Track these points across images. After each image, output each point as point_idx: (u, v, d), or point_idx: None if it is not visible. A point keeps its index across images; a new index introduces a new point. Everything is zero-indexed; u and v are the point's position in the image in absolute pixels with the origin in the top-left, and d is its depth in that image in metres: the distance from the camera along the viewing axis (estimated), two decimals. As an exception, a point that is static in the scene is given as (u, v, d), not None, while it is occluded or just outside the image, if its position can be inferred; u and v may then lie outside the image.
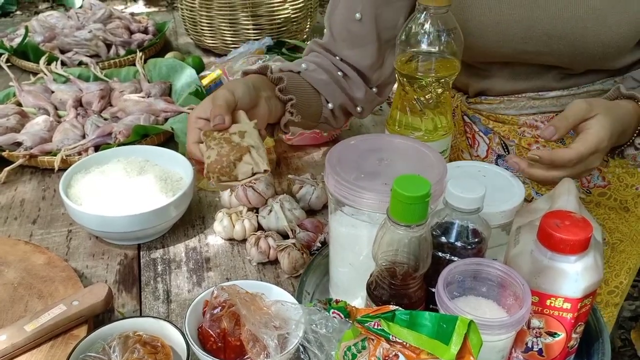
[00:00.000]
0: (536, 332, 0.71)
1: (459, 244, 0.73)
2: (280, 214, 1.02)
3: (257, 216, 1.05)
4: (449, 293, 0.72)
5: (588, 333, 0.82)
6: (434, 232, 0.75)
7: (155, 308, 0.91)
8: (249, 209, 1.06)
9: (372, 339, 0.68)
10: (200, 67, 1.61)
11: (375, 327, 0.66)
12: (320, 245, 1.00)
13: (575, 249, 0.65)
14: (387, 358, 0.66)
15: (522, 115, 1.07)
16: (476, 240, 0.73)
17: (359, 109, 1.08)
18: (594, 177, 1.09)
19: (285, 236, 1.02)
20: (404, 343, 0.65)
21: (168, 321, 0.80)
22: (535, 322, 0.71)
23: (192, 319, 0.80)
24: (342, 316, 0.67)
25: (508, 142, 1.10)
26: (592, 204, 1.11)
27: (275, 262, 0.99)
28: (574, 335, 0.71)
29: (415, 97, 0.95)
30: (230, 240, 1.05)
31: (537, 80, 1.02)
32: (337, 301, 0.67)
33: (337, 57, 1.05)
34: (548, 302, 0.68)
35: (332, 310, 0.66)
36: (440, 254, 0.74)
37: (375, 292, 0.74)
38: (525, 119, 1.06)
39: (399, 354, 0.65)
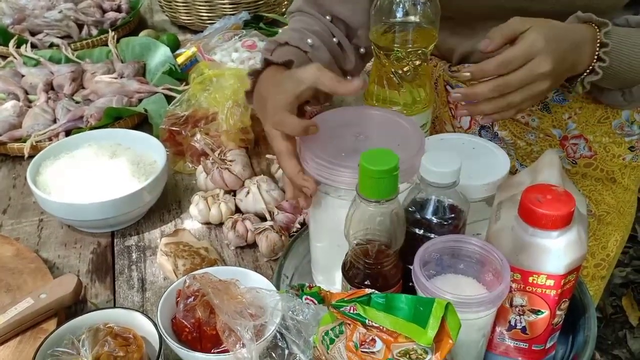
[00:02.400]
0: (519, 310, 0.69)
1: (435, 220, 0.70)
2: (258, 195, 0.99)
3: (234, 199, 1.02)
4: (427, 272, 0.69)
5: (574, 308, 0.80)
6: (410, 209, 0.72)
7: (129, 297, 0.89)
8: (226, 192, 1.03)
9: (349, 324, 0.65)
10: (175, 45, 1.56)
11: (351, 311, 0.63)
12: (299, 227, 0.97)
13: (557, 225, 0.62)
14: (364, 343, 0.63)
15: None
16: (453, 215, 0.70)
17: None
18: (580, 147, 1.06)
19: (263, 219, 0.99)
20: (381, 327, 0.62)
21: (140, 312, 0.77)
22: (518, 300, 0.68)
23: (165, 309, 0.77)
24: (316, 302, 0.64)
25: (491, 112, 1.07)
26: (578, 175, 1.09)
27: (253, 245, 0.96)
28: (558, 312, 0.68)
29: (393, 70, 0.92)
30: (207, 224, 1.02)
31: None
32: (310, 287, 0.65)
33: (328, 17, 1.00)
34: (530, 279, 0.66)
35: (304, 297, 0.63)
36: (416, 230, 0.71)
37: (350, 272, 0.71)
38: None
39: (376, 338, 0.63)
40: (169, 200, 1.08)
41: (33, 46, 1.56)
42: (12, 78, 1.40)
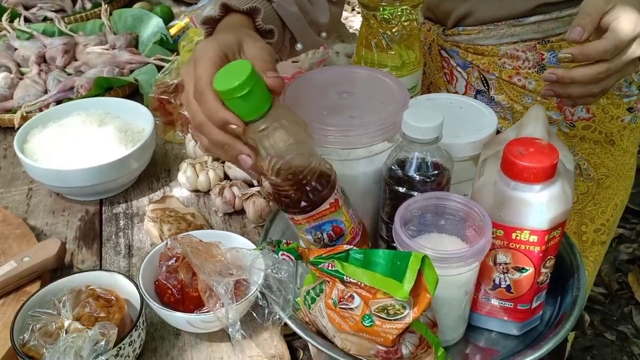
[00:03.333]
0: (503, 268, 0.67)
1: (417, 177, 0.69)
2: (246, 161, 0.97)
3: (223, 166, 1.01)
4: (410, 231, 0.68)
5: (564, 269, 0.78)
6: (392, 167, 0.71)
7: (115, 263, 0.88)
8: (214, 159, 1.01)
9: (329, 281, 0.64)
10: (169, 17, 1.54)
11: (329, 268, 0.62)
12: (288, 192, 0.96)
13: (539, 177, 0.61)
14: (342, 300, 0.62)
15: (502, 45, 1.01)
16: (436, 172, 0.69)
17: (323, 34, 0.96)
18: (578, 109, 1.04)
19: (251, 185, 0.98)
20: (359, 283, 0.61)
21: (122, 274, 0.76)
22: (501, 258, 0.67)
23: (148, 272, 0.77)
24: (293, 258, 0.63)
25: (488, 76, 1.05)
26: (576, 139, 1.06)
27: (241, 212, 0.95)
28: (543, 270, 0.67)
29: (381, 31, 0.90)
30: (196, 192, 1.01)
31: (518, 2, 0.96)
32: (287, 243, 0.63)
33: None
34: (513, 235, 0.64)
35: (280, 252, 0.62)
36: (399, 189, 0.70)
37: (278, 201, 0.67)
38: (506, 48, 1.01)
39: (354, 294, 0.62)
40: (158, 168, 1.07)
41: (26, 20, 1.55)
42: (4, 51, 1.39)
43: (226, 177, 1.01)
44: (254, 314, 0.69)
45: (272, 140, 0.59)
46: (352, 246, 0.63)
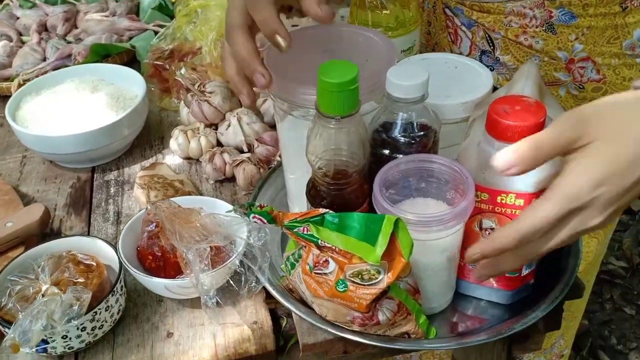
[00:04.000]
0: (489, 233, 0.64)
1: (402, 139, 0.66)
2: (238, 128, 0.95)
3: (216, 133, 0.99)
4: (394, 195, 0.65)
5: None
6: (378, 129, 0.68)
7: (103, 230, 0.87)
8: (207, 126, 0.99)
9: (305, 246, 0.62)
10: (172, -16, 1.51)
11: (304, 232, 0.60)
12: (280, 160, 0.93)
13: (524, 137, 0.57)
14: (317, 265, 0.60)
15: (508, 2, 0.96)
16: (421, 134, 0.66)
17: None
18: (588, 70, 0.99)
19: (242, 151, 0.95)
20: (334, 248, 0.59)
21: (103, 240, 0.75)
22: (487, 223, 0.64)
23: (129, 238, 0.76)
24: (265, 221, 0.61)
25: (493, 35, 1.00)
26: (585, 101, 1.00)
27: (232, 179, 0.93)
28: (531, 236, 0.64)
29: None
30: (188, 159, 0.99)
31: None
32: (261, 206, 0.61)
33: None
34: (499, 199, 0.61)
35: (252, 215, 0.60)
36: (384, 152, 0.67)
37: (313, 194, 0.68)
38: (512, 5, 0.96)
39: (330, 259, 0.60)
40: (152, 136, 1.06)
41: (30, -11, 1.54)
42: (7, 20, 1.38)
43: (219, 144, 0.99)
44: (231, 281, 0.68)
45: (344, 136, 0.62)
46: (328, 210, 0.61)
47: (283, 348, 0.72)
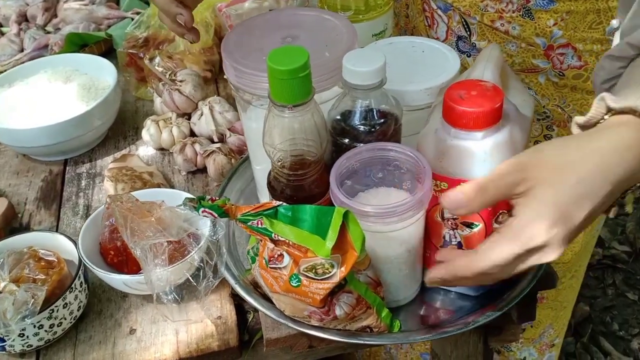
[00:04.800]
0: (452, 224, 0.62)
1: (361, 127, 0.64)
2: (209, 117, 0.93)
3: (189, 123, 0.97)
4: (355, 185, 0.63)
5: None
6: (337, 118, 0.65)
7: (72, 224, 0.86)
8: (180, 115, 0.98)
9: (261, 240, 0.61)
10: (155, -29, 1.49)
11: (258, 225, 0.58)
12: (253, 149, 0.91)
13: (480, 123, 0.55)
14: (272, 259, 0.58)
15: None
16: (381, 121, 0.63)
17: None
18: (568, 57, 0.95)
19: (214, 142, 0.93)
20: (288, 241, 0.57)
21: (63, 235, 0.74)
22: (448, 212, 0.61)
23: (91, 232, 0.74)
24: (216, 215, 0.59)
25: (469, 20, 0.97)
26: (566, 89, 0.98)
27: (204, 170, 0.92)
28: (496, 226, 0.61)
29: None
30: (162, 150, 0.97)
31: None
32: (212, 199, 0.59)
33: None
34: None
35: (202, 210, 0.58)
36: (344, 141, 0.65)
37: (275, 186, 0.66)
38: None
39: (284, 253, 0.58)
40: (127, 126, 1.04)
41: (12, -22, 1.52)
42: (-14, 11, 1.36)
43: (193, 134, 0.97)
44: (190, 279, 0.66)
45: (299, 125, 0.60)
46: (282, 202, 0.59)
47: (248, 343, 0.71)
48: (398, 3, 1.09)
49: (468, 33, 0.98)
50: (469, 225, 0.61)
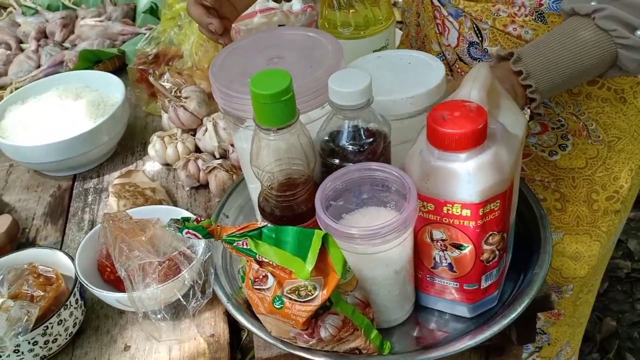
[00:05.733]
0: (441, 245, 0.61)
1: (350, 147, 0.63)
2: (212, 133, 0.94)
3: (194, 138, 0.98)
4: (347, 205, 0.62)
5: (533, 243, 0.71)
6: (325, 138, 0.65)
7: (77, 239, 0.87)
8: (185, 131, 0.99)
9: (248, 260, 0.61)
10: (171, -14, 1.51)
11: (243, 246, 0.58)
12: (255, 164, 0.92)
13: (463, 145, 0.54)
14: (257, 280, 0.58)
15: None
16: (370, 140, 0.63)
17: None
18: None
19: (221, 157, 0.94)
20: (272, 263, 0.57)
21: (62, 251, 0.75)
22: (437, 234, 0.61)
23: (89, 249, 0.75)
24: (200, 236, 0.59)
25: (481, 25, 0.95)
26: (581, 96, 0.95)
27: (207, 185, 0.92)
28: (485, 247, 0.60)
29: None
30: (167, 165, 0.98)
31: None
32: (197, 220, 0.60)
33: None
34: (445, 209, 0.58)
35: (185, 231, 0.58)
36: (334, 161, 0.64)
37: (265, 207, 0.66)
38: None
39: (269, 275, 0.58)
40: (135, 142, 1.06)
41: (34, -5, 1.56)
42: (8, 28, 1.40)
43: (198, 150, 0.98)
44: (181, 298, 0.66)
45: (286, 147, 0.60)
46: (267, 223, 0.59)
47: (241, 361, 0.71)
48: (409, 13, 1.08)
49: (480, 39, 0.97)
50: (459, 247, 0.60)
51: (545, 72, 0.73)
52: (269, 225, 0.58)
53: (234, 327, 0.73)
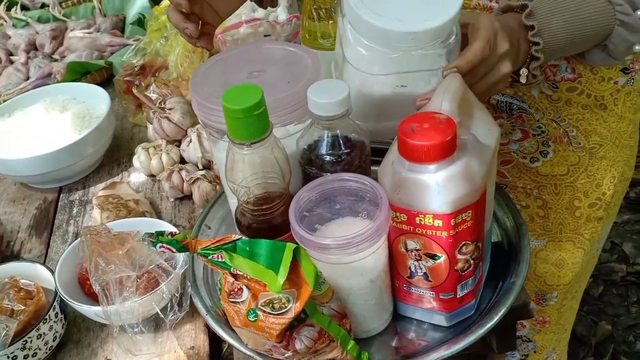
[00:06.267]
0: (415, 255, 0.61)
1: (328, 157, 0.64)
2: (196, 144, 0.94)
3: (178, 150, 0.98)
4: (326, 214, 0.63)
5: (511, 252, 0.72)
6: (305, 148, 0.66)
7: (60, 252, 0.87)
8: (170, 142, 0.99)
9: (224, 273, 0.61)
10: (161, -3, 1.52)
11: (218, 259, 0.59)
12: (239, 175, 0.92)
13: (432, 157, 0.54)
14: (232, 292, 0.59)
15: None
16: (348, 150, 0.63)
17: None
18: (561, 68, 0.93)
19: (205, 168, 0.94)
20: (246, 275, 0.57)
21: (42, 265, 0.75)
22: (411, 244, 0.61)
23: (69, 263, 0.76)
24: (174, 250, 0.59)
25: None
26: (561, 102, 0.96)
27: (191, 196, 0.93)
28: (459, 257, 0.60)
29: (320, 6, 0.84)
30: (152, 176, 0.99)
31: None
32: (172, 234, 0.60)
33: None
34: (417, 219, 0.58)
35: (158, 245, 0.59)
36: (313, 171, 0.65)
37: (242, 221, 0.66)
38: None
39: (244, 287, 0.58)
40: (122, 153, 1.06)
41: (25, 8, 1.57)
42: (-2, 40, 1.41)
43: (183, 160, 0.98)
44: (159, 312, 0.67)
45: (260, 161, 0.60)
46: (241, 236, 0.59)
47: (222, 373, 0.71)
48: None
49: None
50: (433, 257, 0.61)
51: (555, 32, 0.72)
52: (243, 238, 0.59)
53: (215, 339, 0.73)
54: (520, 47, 0.71)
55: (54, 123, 1.01)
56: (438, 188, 0.55)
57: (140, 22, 1.33)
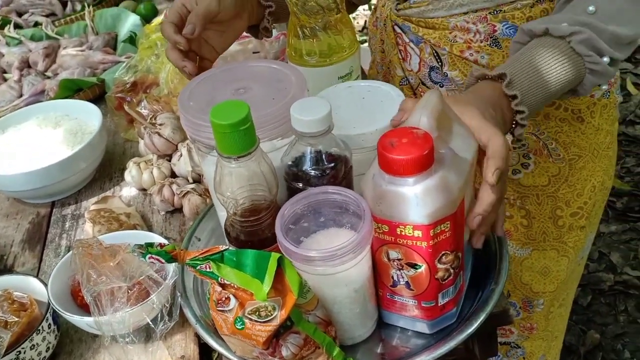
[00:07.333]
0: (397, 264, 0.64)
1: (312, 172, 0.66)
2: (187, 158, 0.97)
3: (169, 163, 1.01)
4: (312, 226, 0.65)
5: (491, 260, 0.74)
6: (290, 163, 0.68)
7: (53, 265, 0.88)
8: (161, 157, 1.01)
9: (212, 283, 0.63)
10: (152, 14, 1.55)
11: (206, 269, 0.61)
12: (228, 188, 0.94)
13: (410, 170, 0.57)
14: (220, 301, 0.61)
15: (452, 17, 0.95)
16: (331, 165, 0.66)
17: None
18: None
19: (195, 182, 0.97)
20: (233, 285, 0.60)
21: (35, 277, 0.77)
22: (393, 254, 0.63)
23: (62, 275, 0.77)
24: (163, 261, 0.61)
25: (440, 51, 0.99)
26: (539, 116, 0.99)
27: (182, 209, 0.95)
28: (440, 266, 0.63)
29: (305, 25, 0.87)
30: (144, 190, 1.01)
31: None
32: (161, 245, 0.62)
33: None
34: (398, 230, 0.61)
35: (148, 256, 0.61)
36: (298, 185, 0.67)
37: (230, 232, 0.68)
38: (456, 20, 0.95)
39: (231, 296, 0.60)
40: (113, 168, 1.08)
41: (18, 26, 1.60)
42: (-9, 58, 1.43)
43: (174, 175, 1.00)
44: (150, 322, 0.69)
45: (247, 174, 0.62)
46: (229, 247, 0.62)
47: (212, 382, 0.73)
48: (374, 40, 1.12)
49: (439, 63, 1.00)
50: (414, 266, 0.63)
51: (534, 95, 0.73)
52: (230, 248, 0.61)
53: (205, 348, 0.75)
54: (505, 116, 0.71)
55: (46, 139, 1.04)
56: (417, 200, 0.58)
57: (132, 40, 1.36)
